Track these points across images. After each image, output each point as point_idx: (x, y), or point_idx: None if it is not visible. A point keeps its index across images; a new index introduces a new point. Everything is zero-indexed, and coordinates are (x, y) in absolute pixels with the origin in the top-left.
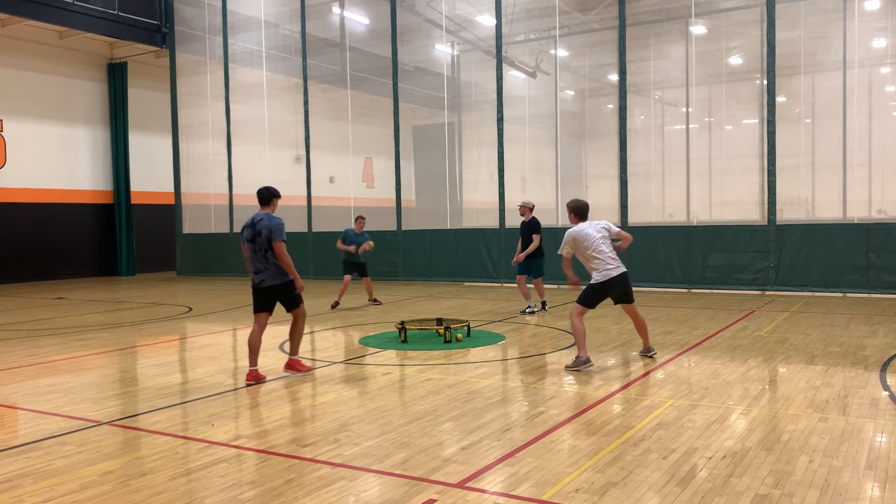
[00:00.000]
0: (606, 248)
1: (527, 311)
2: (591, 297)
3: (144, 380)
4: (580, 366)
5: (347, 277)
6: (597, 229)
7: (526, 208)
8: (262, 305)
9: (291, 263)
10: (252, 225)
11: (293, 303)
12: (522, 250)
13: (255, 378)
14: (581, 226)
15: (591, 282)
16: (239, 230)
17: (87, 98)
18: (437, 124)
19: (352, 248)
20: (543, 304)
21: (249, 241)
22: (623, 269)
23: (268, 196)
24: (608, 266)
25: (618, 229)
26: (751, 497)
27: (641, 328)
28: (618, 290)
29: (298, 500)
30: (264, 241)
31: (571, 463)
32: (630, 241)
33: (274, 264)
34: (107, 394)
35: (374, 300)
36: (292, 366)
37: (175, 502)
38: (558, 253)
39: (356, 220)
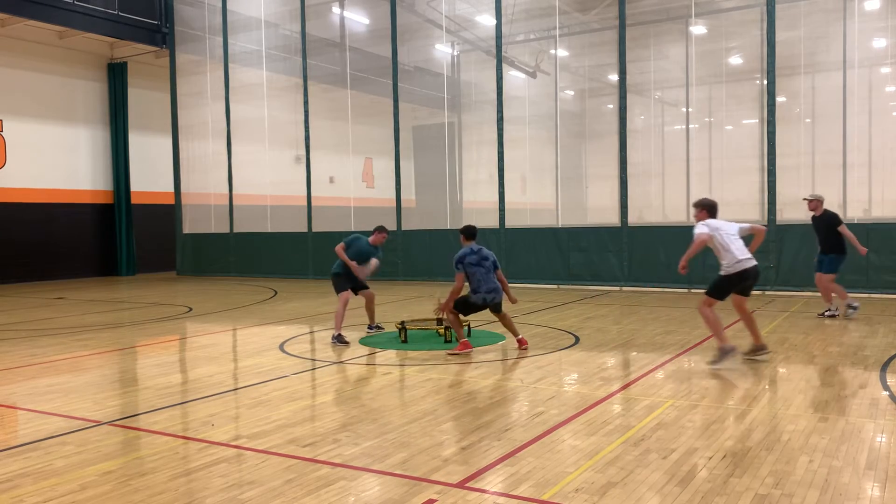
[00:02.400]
0: (740, 242)
1: (826, 313)
2: (725, 287)
3: (144, 380)
4: (726, 356)
5: (345, 296)
6: (731, 224)
7: (817, 202)
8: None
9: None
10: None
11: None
12: (822, 247)
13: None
14: (717, 220)
15: (723, 273)
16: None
17: (87, 98)
18: (437, 124)
19: (355, 265)
20: (850, 306)
21: (478, 265)
22: (755, 261)
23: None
24: (743, 256)
25: (749, 225)
26: (751, 497)
27: (751, 324)
28: (751, 281)
29: (298, 500)
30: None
31: (571, 463)
32: (763, 234)
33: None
34: (107, 394)
35: (377, 326)
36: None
37: (175, 502)
38: (698, 235)
39: (376, 230)
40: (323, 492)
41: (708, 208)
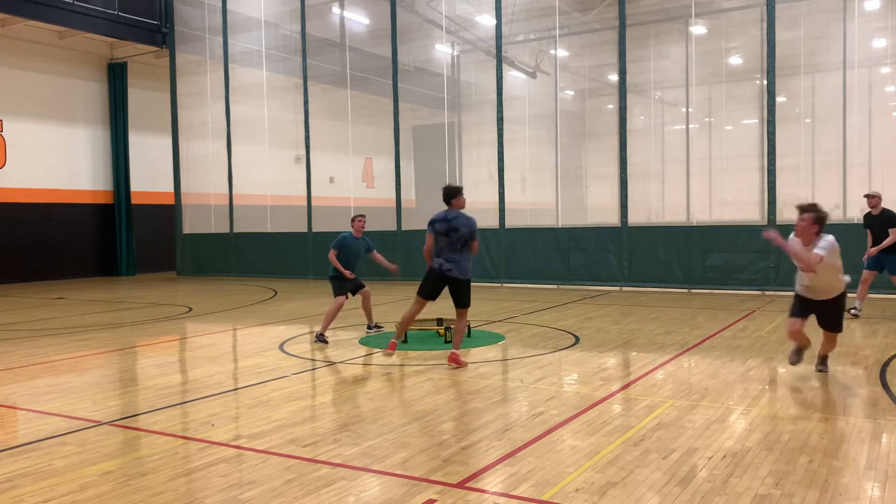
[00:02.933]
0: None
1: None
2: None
3: (144, 380)
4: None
5: (340, 300)
6: None
7: (877, 198)
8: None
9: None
10: (446, 220)
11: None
12: (874, 245)
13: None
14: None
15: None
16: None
17: (87, 98)
18: (437, 124)
19: (349, 273)
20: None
21: (444, 234)
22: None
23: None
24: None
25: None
26: (751, 497)
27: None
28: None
29: (298, 500)
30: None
31: (571, 463)
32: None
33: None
34: (107, 394)
35: (376, 325)
36: (454, 359)
37: (175, 502)
38: (818, 254)
39: (354, 219)
40: (323, 492)
41: (822, 222)
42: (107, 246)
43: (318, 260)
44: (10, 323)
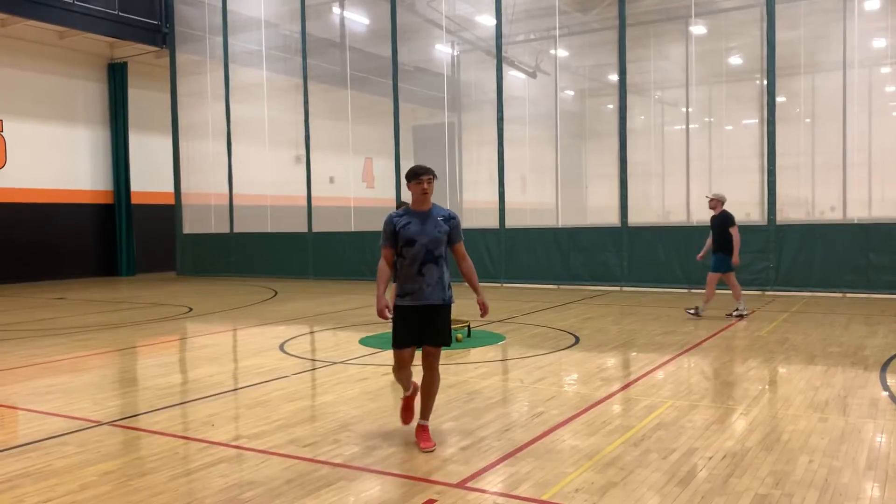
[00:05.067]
0: None
1: (734, 314)
2: None
3: (144, 380)
4: None
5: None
6: None
7: (717, 201)
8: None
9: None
10: None
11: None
12: (714, 246)
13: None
14: None
15: None
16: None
17: (87, 98)
18: (437, 124)
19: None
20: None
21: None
22: None
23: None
24: None
25: None
26: (751, 497)
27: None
28: None
29: (298, 500)
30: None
31: (571, 463)
32: None
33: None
34: (107, 394)
35: None
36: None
37: (175, 502)
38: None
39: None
40: (323, 492)
41: None
42: (107, 246)
43: (318, 260)
44: (10, 323)
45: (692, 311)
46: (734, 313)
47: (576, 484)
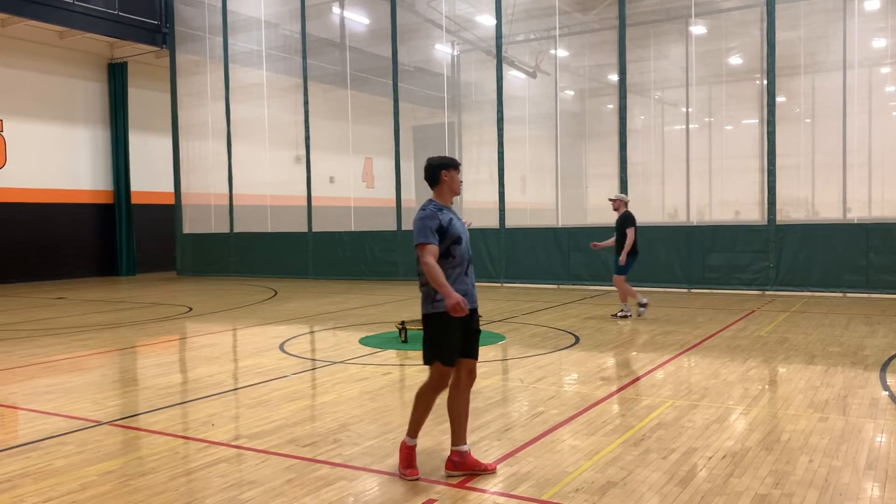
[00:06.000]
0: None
1: (619, 314)
2: None
3: (144, 380)
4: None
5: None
6: None
7: (621, 202)
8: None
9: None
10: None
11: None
12: (616, 246)
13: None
14: None
15: None
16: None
17: (87, 98)
18: (437, 124)
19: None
20: (640, 304)
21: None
22: None
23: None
24: None
25: None
26: (751, 497)
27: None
28: None
29: (298, 500)
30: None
31: (571, 463)
32: None
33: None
34: (107, 394)
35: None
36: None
37: (175, 502)
38: None
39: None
40: (323, 492)
41: None
42: (107, 246)
43: (318, 260)
44: (10, 323)
45: (620, 314)
46: (619, 314)
47: (576, 484)
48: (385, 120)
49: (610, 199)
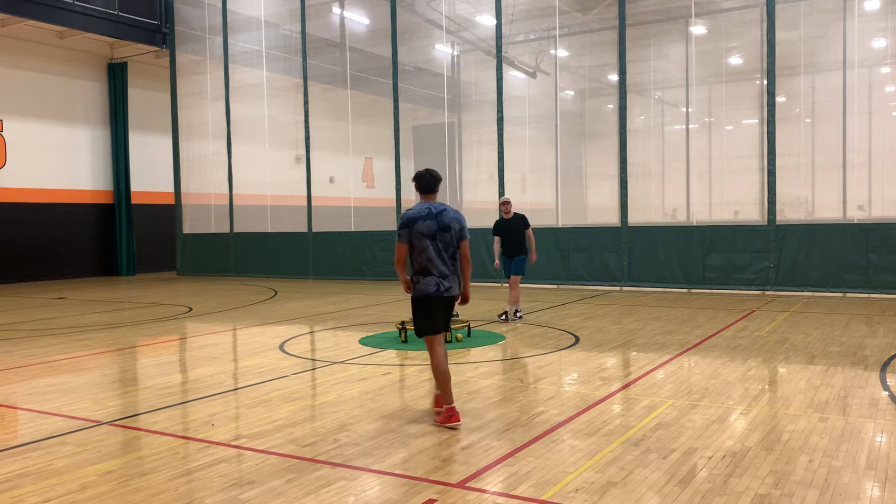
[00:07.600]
0: None
1: (502, 317)
2: None
3: (144, 380)
4: None
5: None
6: None
7: (510, 204)
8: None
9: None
10: (435, 216)
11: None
12: (504, 249)
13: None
14: None
15: None
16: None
17: (87, 98)
18: (437, 124)
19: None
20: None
21: (430, 238)
22: None
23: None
24: None
25: None
26: (751, 497)
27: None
28: None
29: (298, 500)
30: (455, 237)
31: (571, 463)
32: None
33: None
34: (107, 394)
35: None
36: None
37: (175, 502)
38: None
39: (503, 203)
40: (323, 492)
41: None
42: (107, 246)
43: (318, 260)
44: (10, 323)
45: (503, 316)
46: (503, 316)
47: (576, 484)
48: (385, 120)
49: (505, 202)
